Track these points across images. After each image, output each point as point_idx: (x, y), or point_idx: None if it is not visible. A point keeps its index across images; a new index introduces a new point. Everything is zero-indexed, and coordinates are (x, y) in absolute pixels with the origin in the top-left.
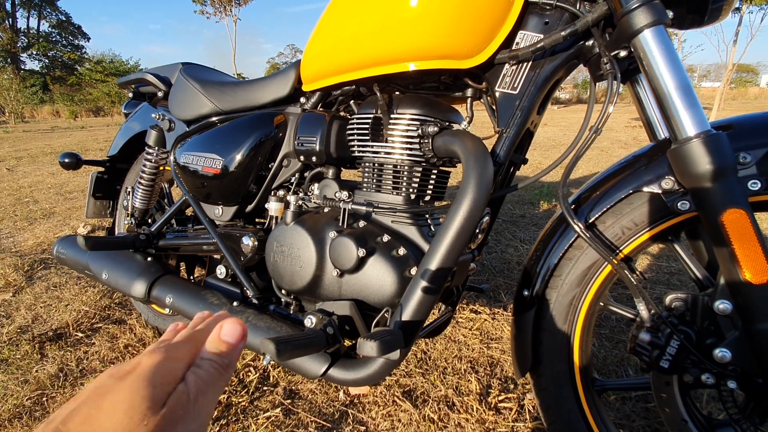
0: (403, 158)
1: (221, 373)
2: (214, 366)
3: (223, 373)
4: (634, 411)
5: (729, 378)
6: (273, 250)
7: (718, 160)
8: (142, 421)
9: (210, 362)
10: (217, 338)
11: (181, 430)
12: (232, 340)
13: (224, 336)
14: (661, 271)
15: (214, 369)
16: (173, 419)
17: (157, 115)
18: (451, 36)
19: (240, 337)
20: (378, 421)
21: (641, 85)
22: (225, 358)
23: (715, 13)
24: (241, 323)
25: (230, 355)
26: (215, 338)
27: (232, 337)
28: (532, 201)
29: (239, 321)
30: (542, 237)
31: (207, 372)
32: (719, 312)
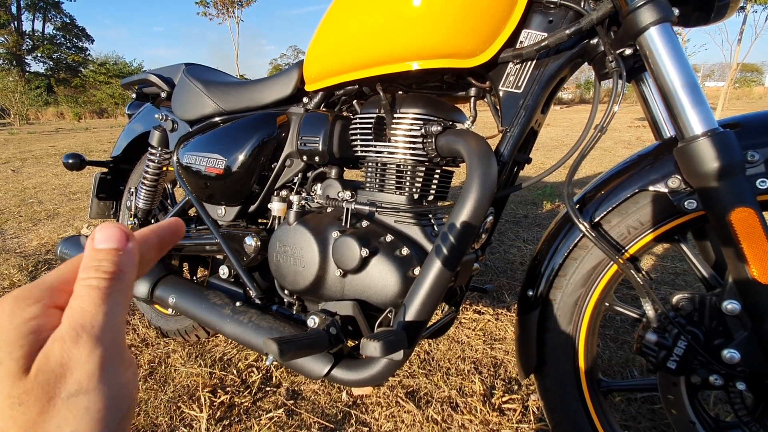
0: (406, 158)
1: (108, 289)
2: (92, 284)
3: (113, 286)
4: (639, 412)
5: (738, 379)
6: (276, 250)
7: (726, 158)
8: (13, 402)
9: (85, 285)
10: (90, 249)
11: (77, 383)
12: (108, 244)
13: (99, 243)
14: (666, 272)
15: (94, 288)
16: (53, 376)
17: (160, 116)
18: (455, 35)
19: (121, 239)
20: (381, 422)
21: (646, 84)
22: (106, 268)
23: (721, 11)
24: (118, 225)
25: (114, 262)
26: (88, 251)
27: (108, 241)
28: (535, 201)
29: (116, 223)
30: (547, 237)
31: (83, 298)
32: (728, 312)
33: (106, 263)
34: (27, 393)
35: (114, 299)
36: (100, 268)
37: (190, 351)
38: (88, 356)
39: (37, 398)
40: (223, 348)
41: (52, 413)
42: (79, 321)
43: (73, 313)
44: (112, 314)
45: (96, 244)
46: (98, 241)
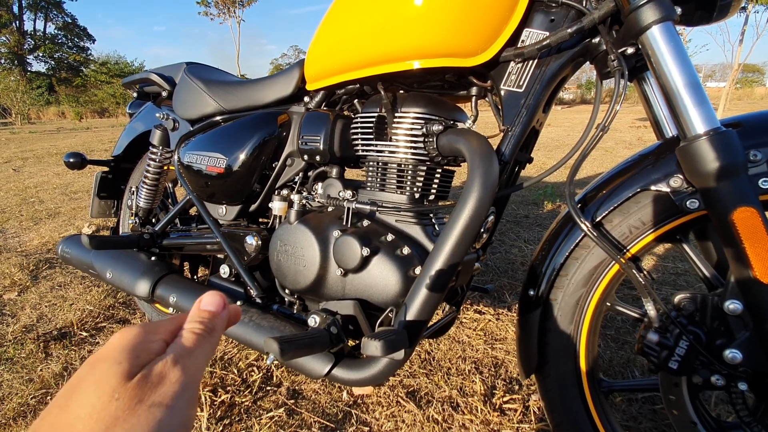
0: (407, 157)
1: (203, 338)
2: (195, 331)
3: (207, 338)
4: (640, 413)
5: (739, 379)
6: (277, 249)
7: (729, 157)
8: (113, 396)
9: (189, 330)
10: (197, 308)
11: (162, 397)
12: (212, 308)
13: (204, 305)
14: (667, 272)
15: (195, 334)
16: (148, 385)
17: (161, 115)
18: (456, 34)
19: (220, 305)
20: (382, 422)
21: (648, 83)
22: (206, 323)
23: (723, 10)
24: (220, 294)
25: (212, 321)
26: (195, 309)
27: (212, 305)
28: (535, 201)
29: (218, 292)
30: (548, 236)
31: (186, 338)
32: (729, 312)
33: (207, 320)
34: (126, 391)
35: (205, 347)
36: (202, 322)
37: None
38: (177, 378)
39: (131, 399)
40: (223, 347)
41: (137, 413)
42: (180, 352)
43: (178, 346)
44: (202, 356)
45: (202, 306)
46: (204, 304)
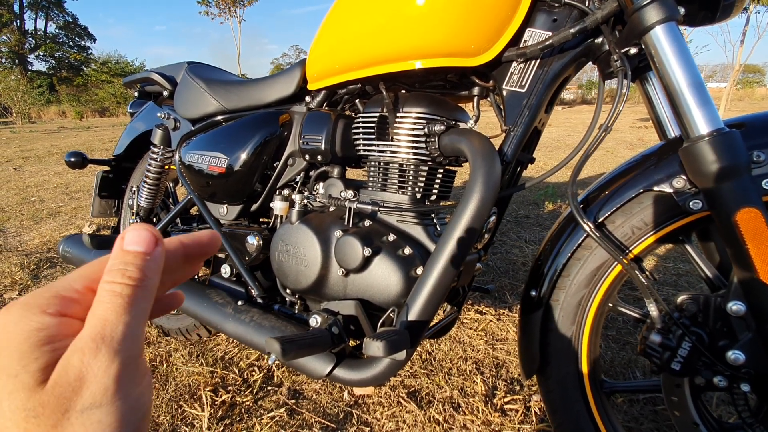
0: (409, 157)
1: (133, 296)
2: (116, 290)
3: (137, 294)
4: (642, 414)
5: (742, 381)
6: (278, 249)
7: (732, 158)
8: (28, 415)
9: (109, 290)
10: (119, 250)
11: (94, 395)
12: (139, 247)
13: (127, 245)
14: (669, 273)
15: (117, 295)
16: (70, 387)
17: (162, 114)
18: (459, 34)
19: (150, 242)
20: (383, 422)
21: (651, 83)
22: (133, 272)
23: (726, 10)
24: (148, 227)
25: (140, 266)
26: (116, 252)
27: (137, 244)
28: (536, 202)
29: (146, 225)
30: (550, 237)
31: (106, 303)
32: (732, 313)
33: (132, 268)
34: (42, 406)
35: (136, 309)
36: (126, 273)
37: (191, 350)
38: (105, 370)
39: (53, 411)
40: (224, 347)
41: (65, 426)
42: (99, 332)
43: (96, 322)
44: (133, 325)
45: (125, 245)
46: (128, 242)
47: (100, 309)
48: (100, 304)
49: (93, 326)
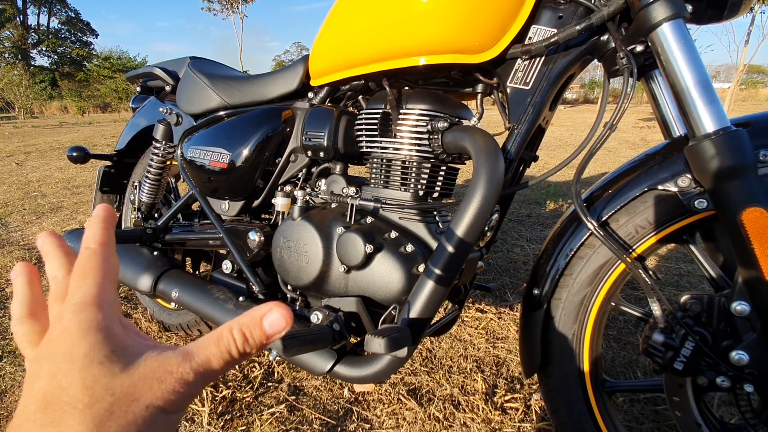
0: (411, 154)
1: (237, 358)
2: (231, 350)
3: (239, 358)
4: (642, 413)
5: (746, 381)
6: (279, 245)
7: (738, 157)
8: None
9: (226, 347)
10: (258, 322)
11: (160, 399)
12: (273, 330)
13: (269, 324)
14: (671, 273)
15: (229, 355)
16: (147, 383)
17: (164, 109)
18: (463, 30)
19: (283, 328)
20: (383, 419)
21: (656, 81)
22: (252, 343)
23: (734, 8)
24: (290, 311)
25: (259, 342)
26: (254, 320)
27: (276, 327)
28: (538, 200)
29: (289, 309)
30: (553, 235)
31: (220, 353)
32: (737, 313)
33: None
34: (120, 386)
35: (228, 370)
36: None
37: None
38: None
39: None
40: None
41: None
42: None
43: (204, 355)
44: (217, 374)
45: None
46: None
47: (216, 348)
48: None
49: (199, 355)
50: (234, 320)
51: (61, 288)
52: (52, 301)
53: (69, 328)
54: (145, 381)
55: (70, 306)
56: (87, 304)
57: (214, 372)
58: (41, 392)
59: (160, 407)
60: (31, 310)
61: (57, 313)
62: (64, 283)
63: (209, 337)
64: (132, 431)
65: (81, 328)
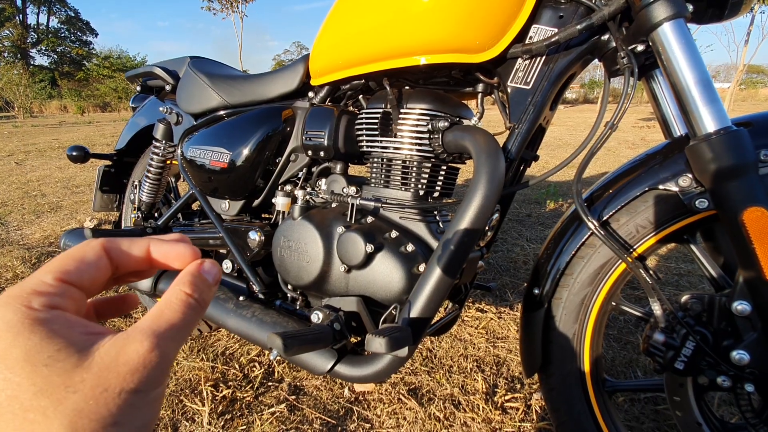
0: (412, 153)
1: (195, 312)
2: (188, 302)
3: (197, 312)
4: (643, 413)
5: (746, 381)
6: (280, 245)
7: (739, 156)
8: (67, 390)
9: (181, 300)
10: (196, 271)
11: (134, 381)
12: (212, 280)
13: (206, 274)
14: (670, 273)
15: (186, 307)
16: (115, 369)
17: (164, 109)
18: (464, 30)
19: (218, 279)
20: (383, 419)
21: (657, 81)
22: (201, 295)
23: (734, 8)
24: (219, 267)
25: (208, 292)
26: (193, 271)
27: (213, 277)
28: (538, 200)
29: (217, 265)
30: (553, 235)
31: (175, 310)
32: (737, 313)
33: (205, 291)
34: (86, 379)
35: (193, 323)
36: (201, 293)
37: (192, 345)
38: (154, 361)
39: (94, 387)
40: (225, 342)
41: (102, 403)
42: (163, 330)
43: (161, 321)
44: (185, 335)
45: (204, 272)
46: (207, 270)
47: (169, 310)
48: (169, 306)
49: (156, 323)
50: (175, 281)
51: None
52: None
53: (3, 320)
54: (109, 369)
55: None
56: (14, 298)
57: (180, 330)
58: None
59: (134, 389)
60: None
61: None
62: None
63: (158, 305)
64: (110, 422)
65: (9, 329)
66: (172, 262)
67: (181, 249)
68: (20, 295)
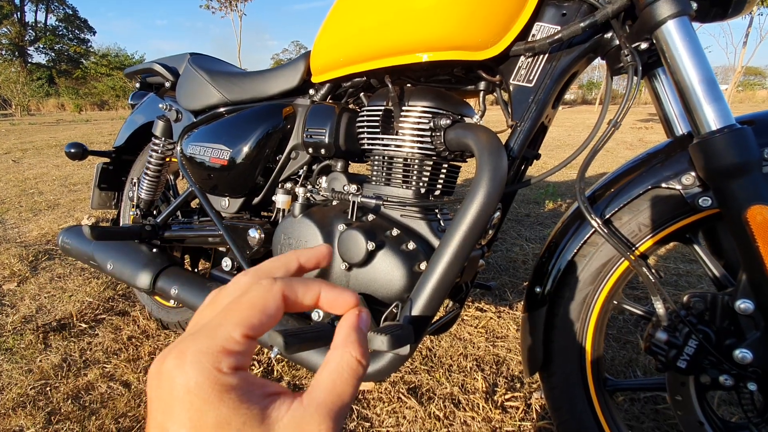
0: (413, 151)
1: (362, 375)
2: (359, 365)
3: (364, 374)
4: (643, 412)
5: (749, 380)
6: (281, 242)
7: (743, 155)
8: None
9: (354, 360)
10: (358, 329)
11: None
12: (366, 329)
13: (364, 324)
14: (669, 272)
15: (359, 370)
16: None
17: (164, 106)
18: (466, 27)
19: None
20: (383, 418)
21: (659, 80)
22: (365, 353)
23: (738, 7)
24: (366, 312)
25: (367, 350)
26: (353, 326)
27: (366, 326)
28: (537, 200)
29: (366, 310)
30: (555, 233)
31: (346, 376)
32: (740, 311)
33: (366, 350)
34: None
35: (357, 390)
36: (364, 355)
37: None
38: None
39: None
40: None
41: None
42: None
43: (334, 395)
44: (350, 404)
45: (363, 325)
46: (365, 323)
47: (341, 382)
48: (341, 377)
49: (330, 399)
50: (337, 338)
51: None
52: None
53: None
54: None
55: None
56: (203, 356)
57: (350, 405)
58: None
59: None
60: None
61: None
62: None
63: (328, 372)
64: None
65: (199, 394)
66: (337, 310)
67: (348, 298)
68: (209, 353)
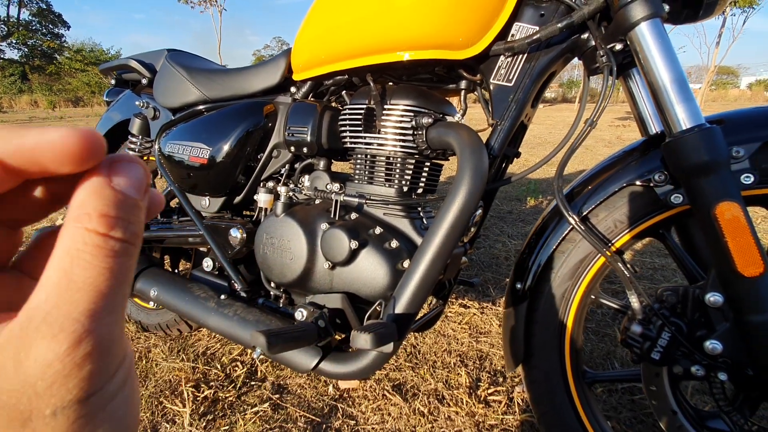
0: (395, 150)
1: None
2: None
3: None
4: (620, 403)
5: (719, 370)
6: (263, 242)
7: (713, 153)
8: None
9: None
10: (109, 188)
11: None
12: (135, 193)
13: (121, 184)
14: (645, 267)
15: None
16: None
17: (141, 103)
18: (447, 26)
19: (144, 188)
20: (368, 415)
21: (634, 80)
22: (132, 222)
23: (709, 9)
24: (137, 160)
25: (138, 218)
26: (101, 186)
27: (136, 189)
28: (519, 197)
29: (135, 157)
30: (535, 231)
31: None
32: (710, 304)
33: (133, 221)
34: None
35: (129, 276)
36: (128, 227)
37: (171, 345)
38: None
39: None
40: (206, 342)
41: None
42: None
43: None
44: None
45: (122, 187)
46: (124, 184)
47: (80, 269)
48: (74, 263)
49: (63, 296)
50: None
51: None
52: None
53: None
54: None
55: None
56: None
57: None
58: None
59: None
60: None
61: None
62: None
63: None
64: None
65: None
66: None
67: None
68: None
